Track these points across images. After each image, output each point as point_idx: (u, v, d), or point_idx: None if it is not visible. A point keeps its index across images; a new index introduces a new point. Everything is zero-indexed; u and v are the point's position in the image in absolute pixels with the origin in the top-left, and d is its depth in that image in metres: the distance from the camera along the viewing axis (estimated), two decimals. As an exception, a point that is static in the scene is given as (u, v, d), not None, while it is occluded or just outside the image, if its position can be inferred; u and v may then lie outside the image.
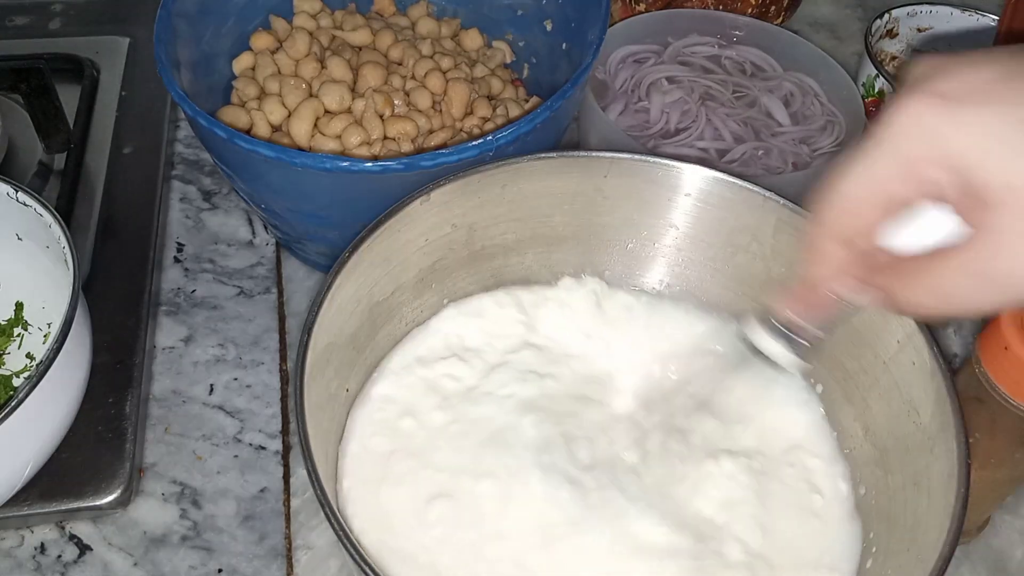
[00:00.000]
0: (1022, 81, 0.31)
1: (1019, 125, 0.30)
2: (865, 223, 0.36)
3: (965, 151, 0.31)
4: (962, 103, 0.31)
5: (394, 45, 0.67)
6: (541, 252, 0.57)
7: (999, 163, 0.31)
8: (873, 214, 0.35)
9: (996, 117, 0.31)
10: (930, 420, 0.44)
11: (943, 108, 0.32)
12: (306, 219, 0.58)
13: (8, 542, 0.53)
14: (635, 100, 0.72)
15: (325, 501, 0.39)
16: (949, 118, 0.31)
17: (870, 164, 0.34)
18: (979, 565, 0.55)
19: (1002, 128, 0.31)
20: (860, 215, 0.36)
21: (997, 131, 0.31)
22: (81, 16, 0.83)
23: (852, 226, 0.36)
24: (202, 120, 0.52)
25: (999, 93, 0.31)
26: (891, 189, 0.34)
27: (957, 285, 0.34)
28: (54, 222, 0.52)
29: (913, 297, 0.35)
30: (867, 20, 0.81)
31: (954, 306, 0.34)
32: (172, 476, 0.56)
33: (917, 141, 0.32)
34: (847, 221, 0.36)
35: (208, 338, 0.63)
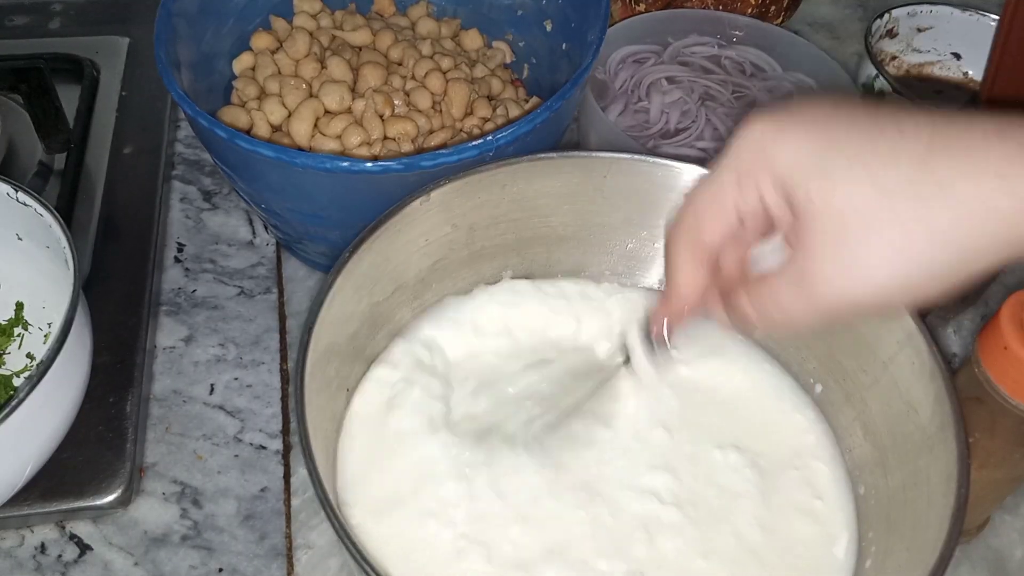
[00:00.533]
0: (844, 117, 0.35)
1: (828, 146, 0.34)
2: (711, 230, 0.39)
3: (784, 164, 0.35)
4: (788, 125, 0.35)
5: (394, 45, 0.67)
6: (541, 252, 0.57)
7: (805, 177, 0.34)
8: (714, 217, 0.38)
9: (811, 138, 0.35)
10: (930, 420, 0.44)
11: (774, 129, 0.36)
12: (306, 219, 0.58)
13: (8, 542, 0.53)
14: (635, 100, 0.72)
15: (325, 501, 0.39)
16: (776, 136, 0.36)
17: (715, 175, 0.38)
18: (979, 565, 0.55)
19: (814, 147, 0.34)
20: (707, 222, 0.39)
21: (810, 149, 0.34)
22: (81, 16, 0.83)
23: (701, 234, 0.39)
24: (202, 120, 0.52)
25: (819, 120, 0.35)
26: (730, 195, 0.37)
27: (777, 296, 0.37)
28: (54, 222, 0.52)
29: (741, 308, 0.39)
30: (867, 20, 0.81)
31: (776, 322, 0.38)
32: (172, 476, 0.56)
33: (750, 154, 0.36)
34: (696, 229, 0.39)
35: (208, 338, 0.63)
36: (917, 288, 0.34)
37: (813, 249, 0.35)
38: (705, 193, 0.39)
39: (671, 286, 0.42)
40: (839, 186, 0.34)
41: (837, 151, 0.34)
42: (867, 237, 0.33)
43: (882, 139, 0.33)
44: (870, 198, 0.33)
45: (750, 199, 0.37)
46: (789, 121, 0.36)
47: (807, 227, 0.35)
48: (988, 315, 0.63)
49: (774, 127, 0.36)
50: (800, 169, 0.35)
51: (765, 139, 0.36)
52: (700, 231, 0.39)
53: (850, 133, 0.34)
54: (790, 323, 0.37)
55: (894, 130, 0.33)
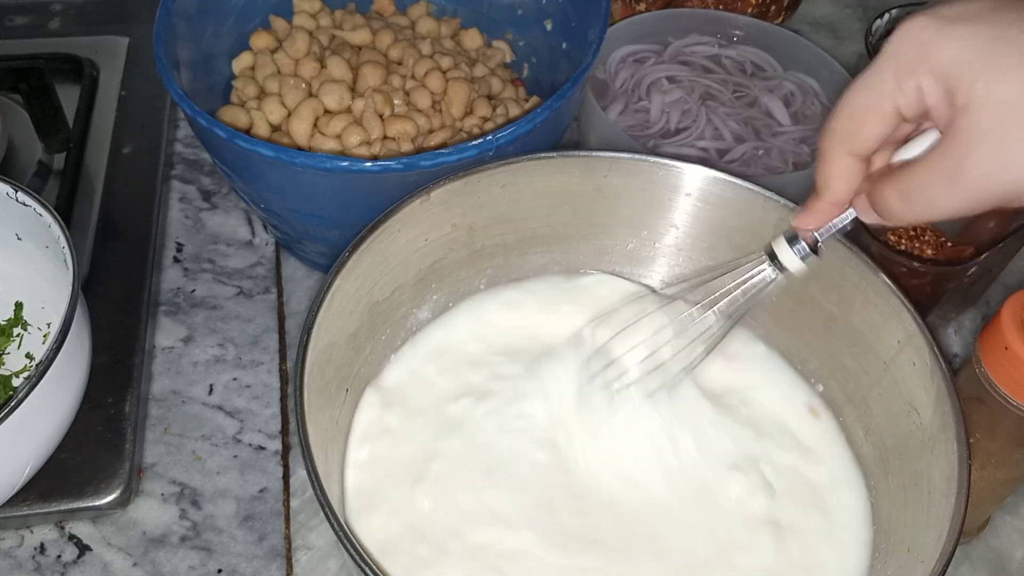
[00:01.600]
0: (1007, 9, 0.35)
1: (996, 41, 0.34)
2: (869, 134, 0.39)
3: (947, 60, 0.35)
4: (951, 22, 0.35)
5: (394, 45, 0.67)
6: (541, 252, 0.57)
7: (971, 72, 0.34)
8: (875, 121, 0.38)
9: (977, 34, 0.35)
10: (930, 420, 0.44)
11: (935, 25, 0.36)
12: (306, 219, 0.58)
13: (8, 542, 0.53)
14: (635, 100, 0.72)
15: (325, 501, 0.39)
16: (938, 33, 0.35)
17: (872, 75, 0.38)
18: (979, 565, 0.55)
19: (980, 42, 0.34)
20: (864, 122, 0.38)
21: (975, 45, 0.34)
22: (81, 16, 0.83)
23: (858, 136, 0.39)
24: (202, 120, 0.52)
25: (984, 16, 0.35)
26: (890, 96, 0.37)
27: (924, 186, 0.37)
28: (54, 222, 0.52)
29: (893, 197, 0.38)
30: (867, 20, 0.81)
31: (920, 207, 0.37)
32: (172, 476, 0.56)
33: (911, 52, 0.36)
34: (856, 131, 0.39)
35: (207, 338, 0.63)
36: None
37: (970, 140, 0.35)
38: (863, 93, 0.38)
39: (826, 186, 0.41)
40: (1006, 79, 0.34)
41: (1005, 46, 0.34)
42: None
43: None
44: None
45: (910, 96, 0.37)
46: (951, 16, 0.35)
47: (966, 119, 0.35)
48: (989, 315, 0.63)
49: (936, 23, 0.36)
50: (965, 64, 0.35)
51: (926, 35, 0.36)
52: (859, 133, 0.39)
53: (1013, 32, 0.34)
54: (935, 210, 0.37)
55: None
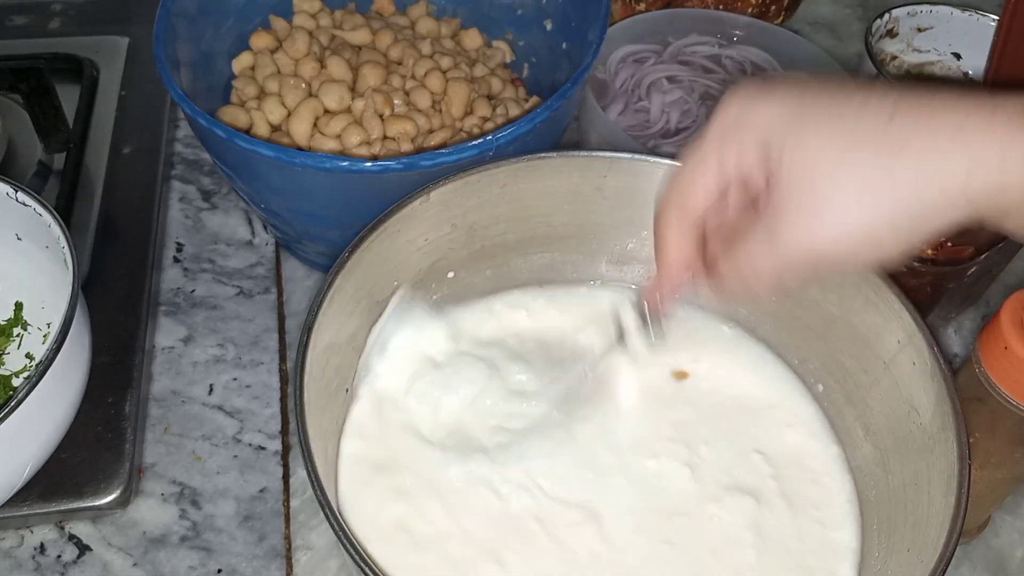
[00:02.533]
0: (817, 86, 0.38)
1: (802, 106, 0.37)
2: (694, 199, 0.41)
3: (762, 124, 0.38)
4: (765, 92, 0.38)
5: (394, 45, 0.67)
6: (541, 252, 0.57)
7: (780, 133, 0.37)
8: (701, 190, 0.40)
9: (786, 101, 0.37)
10: (930, 420, 0.44)
11: (753, 97, 0.38)
12: (306, 219, 0.58)
13: (8, 542, 0.53)
14: (635, 100, 0.72)
15: (325, 501, 0.39)
16: (755, 103, 0.38)
17: (698, 147, 0.40)
18: (979, 565, 0.55)
19: (789, 108, 0.37)
20: (690, 191, 0.41)
21: (785, 109, 0.37)
22: (81, 16, 0.83)
23: (684, 202, 0.41)
24: (202, 120, 0.52)
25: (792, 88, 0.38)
26: (714, 157, 0.39)
27: (748, 253, 0.39)
28: (53, 222, 0.52)
29: (720, 274, 0.41)
30: (867, 20, 0.81)
31: (747, 273, 0.39)
32: (171, 476, 0.56)
33: (732, 120, 0.39)
34: (683, 195, 0.41)
35: (207, 338, 0.63)
36: (880, 243, 0.36)
37: (782, 202, 0.37)
38: (690, 162, 0.41)
39: (661, 258, 0.43)
40: (809, 142, 0.36)
41: (809, 112, 0.37)
42: (832, 190, 0.35)
43: (851, 102, 0.36)
44: (837, 153, 0.35)
45: (731, 162, 0.39)
46: (767, 89, 0.38)
47: (778, 182, 0.37)
48: (988, 315, 0.63)
49: (753, 95, 0.38)
50: (776, 126, 0.37)
51: (745, 106, 0.38)
52: (686, 199, 0.41)
53: (821, 98, 0.37)
54: (760, 279, 0.39)
55: (862, 95, 0.36)
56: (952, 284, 0.58)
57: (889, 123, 0.35)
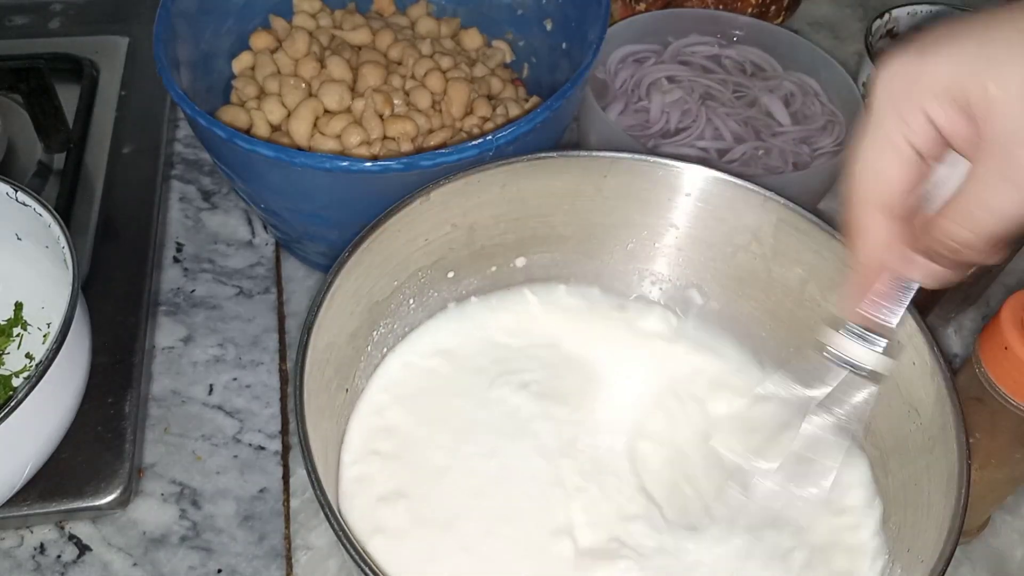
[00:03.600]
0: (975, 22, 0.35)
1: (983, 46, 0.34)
2: (892, 183, 0.37)
3: (945, 77, 0.35)
4: (928, 46, 0.35)
5: (394, 45, 0.67)
6: (541, 252, 0.57)
7: (976, 78, 0.34)
8: (897, 171, 0.37)
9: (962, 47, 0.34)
10: (930, 420, 0.44)
11: (916, 54, 0.35)
12: (306, 219, 0.58)
13: (8, 542, 0.53)
14: (635, 100, 0.72)
15: (325, 501, 0.39)
16: (922, 59, 0.35)
17: (875, 127, 0.37)
18: (979, 565, 0.55)
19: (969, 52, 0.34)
20: (885, 176, 0.37)
21: (966, 55, 0.34)
22: (81, 16, 0.83)
23: (882, 190, 0.37)
24: (202, 120, 0.52)
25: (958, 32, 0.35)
26: (898, 134, 0.36)
27: (984, 197, 0.35)
28: (53, 222, 0.52)
29: (954, 232, 0.36)
30: (867, 20, 0.81)
31: (989, 221, 0.35)
32: (171, 476, 0.56)
33: (902, 85, 0.36)
34: (876, 187, 0.37)
35: (207, 338, 0.63)
36: None
37: (1010, 136, 0.34)
38: (870, 143, 0.37)
39: (858, 250, 0.39)
40: (1016, 69, 0.33)
41: (997, 44, 0.34)
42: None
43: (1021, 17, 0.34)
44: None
45: (920, 128, 0.36)
46: (926, 43, 0.35)
47: (996, 119, 0.34)
48: (988, 315, 0.63)
49: (916, 52, 0.35)
50: (964, 72, 0.34)
51: (910, 66, 0.35)
52: (881, 183, 0.37)
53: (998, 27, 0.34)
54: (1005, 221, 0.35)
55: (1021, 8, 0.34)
56: (952, 284, 0.58)
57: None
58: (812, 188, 0.66)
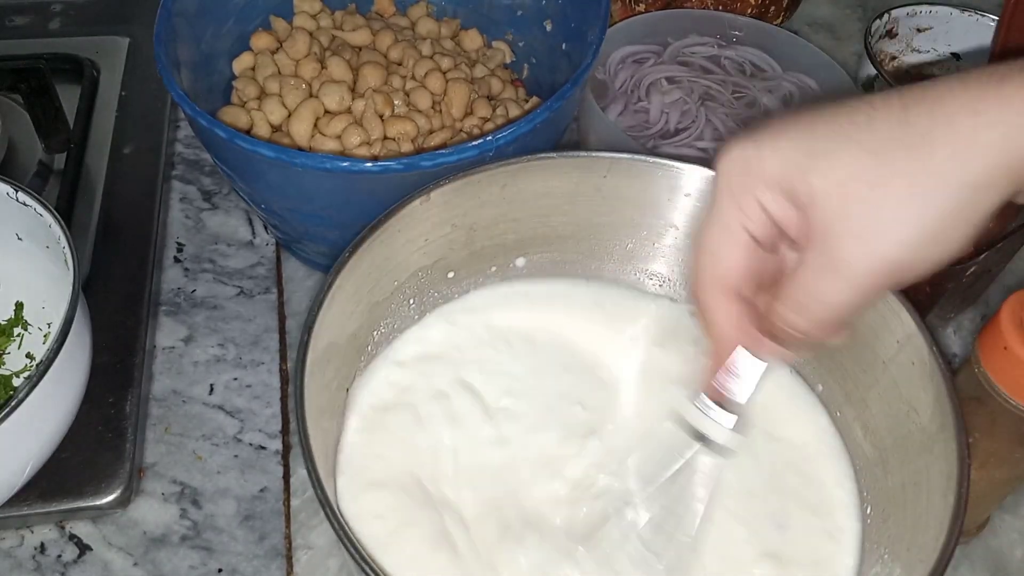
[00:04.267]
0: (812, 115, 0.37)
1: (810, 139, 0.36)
2: (731, 268, 0.39)
3: (775, 169, 0.36)
4: (765, 138, 0.37)
5: (394, 45, 0.67)
6: (541, 252, 0.57)
7: (800, 170, 0.36)
8: (735, 257, 0.39)
9: (793, 140, 0.36)
10: (930, 420, 0.44)
11: (753, 144, 0.37)
12: (306, 219, 0.58)
13: (8, 542, 0.53)
14: (635, 100, 0.72)
15: (325, 501, 0.39)
16: (757, 149, 0.37)
17: (714, 210, 0.39)
18: (979, 565, 0.55)
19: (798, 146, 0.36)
20: (724, 257, 0.39)
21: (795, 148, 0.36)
22: (81, 16, 0.83)
23: (722, 274, 0.39)
24: (202, 120, 0.52)
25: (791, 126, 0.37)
26: (735, 221, 0.38)
27: (813, 289, 0.37)
28: (54, 222, 0.52)
29: (789, 319, 0.38)
30: (867, 20, 0.81)
31: (817, 310, 0.37)
32: (172, 476, 0.56)
33: (738, 176, 0.38)
34: (717, 267, 0.39)
35: (208, 338, 0.63)
36: (944, 236, 0.34)
37: (830, 229, 0.35)
38: (711, 230, 0.39)
39: (712, 331, 0.41)
40: (834, 163, 0.35)
41: (821, 137, 0.36)
42: (879, 204, 0.34)
43: (857, 115, 0.35)
44: (867, 163, 0.34)
45: (755, 216, 0.38)
46: (763, 133, 0.37)
47: (817, 212, 0.35)
48: (988, 315, 0.63)
49: (751, 144, 0.37)
50: (792, 165, 0.36)
51: (747, 156, 0.37)
52: (720, 267, 0.39)
53: (824, 123, 0.36)
54: (831, 310, 0.37)
55: (866, 106, 0.35)
56: (951, 284, 0.58)
57: (904, 122, 0.34)
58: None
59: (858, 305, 0.36)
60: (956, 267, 0.56)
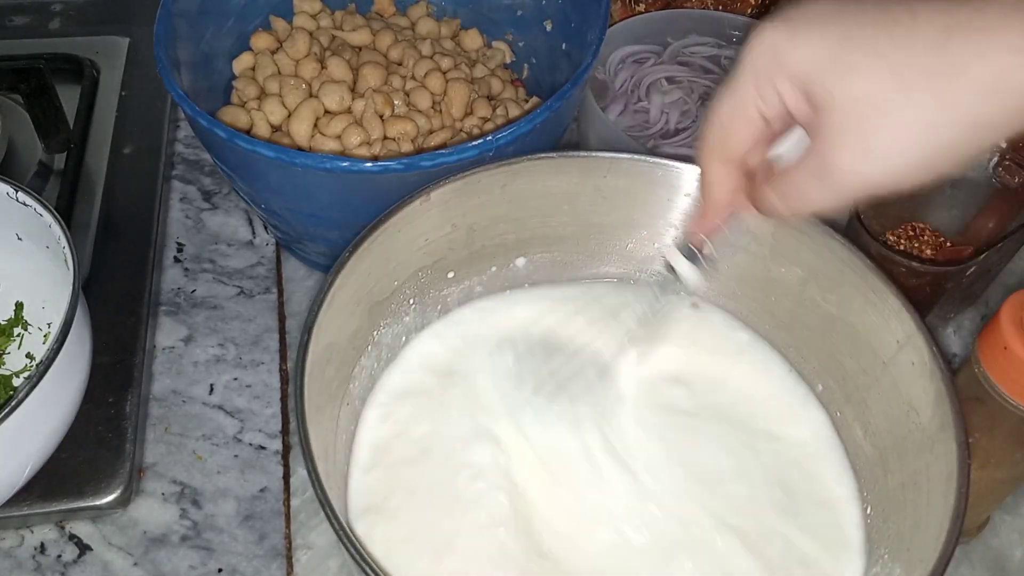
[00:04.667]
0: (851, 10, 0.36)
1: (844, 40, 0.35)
2: (740, 138, 0.40)
3: (800, 63, 0.36)
4: (800, 26, 0.36)
5: (394, 45, 0.67)
6: (541, 252, 0.57)
7: (823, 73, 0.35)
8: (741, 128, 0.40)
9: (826, 36, 0.36)
10: (930, 420, 0.44)
11: (786, 30, 0.37)
12: (306, 219, 0.58)
13: (8, 542, 0.53)
14: (635, 100, 0.72)
15: (325, 501, 0.39)
16: (789, 38, 0.37)
17: (733, 84, 0.39)
18: (979, 565, 0.55)
19: (829, 44, 0.35)
20: (734, 132, 0.40)
21: (825, 46, 0.36)
22: (81, 16, 0.83)
23: (730, 143, 0.41)
24: (202, 120, 0.52)
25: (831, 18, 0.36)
26: (751, 103, 0.39)
27: (800, 186, 0.38)
28: (54, 222, 0.52)
29: (775, 200, 0.40)
30: (867, 20, 0.81)
31: (796, 203, 0.39)
32: (172, 476, 0.56)
33: (765, 59, 0.38)
34: (725, 139, 0.41)
35: (208, 338, 0.63)
36: (936, 166, 0.35)
37: (832, 138, 0.36)
38: (727, 103, 0.40)
39: (706, 194, 0.43)
40: (856, 76, 0.35)
41: (853, 44, 0.35)
42: (884, 122, 0.34)
43: (897, 27, 0.34)
44: (887, 85, 0.34)
45: (771, 101, 0.38)
46: (801, 21, 0.36)
47: (826, 118, 0.36)
48: (988, 315, 0.63)
49: (786, 30, 0.37)
50: (817, 66, 0.36)
51: (778, 43, 0.37)
52: (728, 139, 0.41)
53: (863, 25, 0.35)
54: (810, 208, 0.39)
55: (908, 17, 0.34)
56: (951, 284, 0.58)
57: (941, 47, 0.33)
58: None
59: (834, 210, 0.38)
60: (956, 267, 0.56)
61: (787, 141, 0.41)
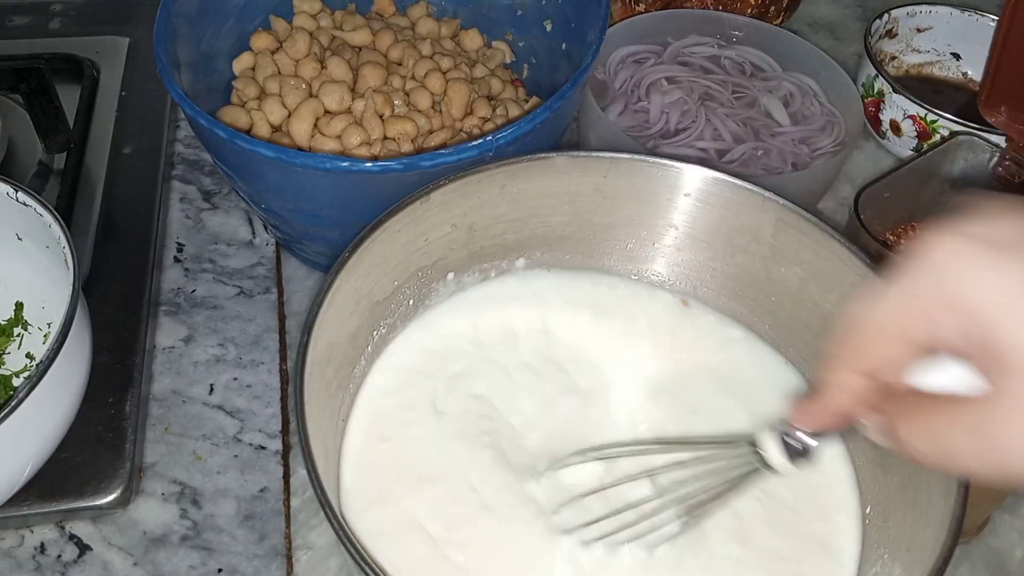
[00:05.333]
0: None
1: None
2: (874, 352, 0.34)
3: (984, 304, 0.29)
4: (982, 253, 0.29)
5: (394, 45, 0.67)
6: (541, 252, 0.57)
7: (1011, 322, 0.29)
8: (881, 344, 0.33)
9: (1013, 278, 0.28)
10: (930, 420, 0.44)
11: (965, 256, 0.29)
12: (306, 219, 0.58)
13: (8, 542, 0.53)
14: (635, 100, 0.72)
15: (325, 500, 0.39)
16: (968, 266, 0.29)
17: (885, 294, 0.33)
18: (979, 565, 0.55)
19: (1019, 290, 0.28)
20: (868, 342, 0.34)
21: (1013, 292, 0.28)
22: (81, 16, 0.83)
23: (861, 353, 0.34)
24: (202, 120, 0.52)
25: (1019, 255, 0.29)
26: (897, 322, 0.32)
27: (955, 439, 0.32)
28: (54, 222, 0.52)
29: (910, 437, 0.34)
30: (867, 20, 0.81)
31: (947, 460, 0.32)
32: (172, 476, 0.56)
33: (927, 284, 0.31)
34: (858, 345, 0.34)
35: (208, 338, 0.63)
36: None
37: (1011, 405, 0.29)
38: (871, 310, 0.33)
39: (827, 397, 0.36)
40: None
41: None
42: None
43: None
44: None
45: (920, 332, 0.32)
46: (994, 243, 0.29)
47: (1008, 380, 0.29)
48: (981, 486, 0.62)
49: (965, 254, 0.29)
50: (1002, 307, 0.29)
51: (950, 268, 0.30)
52: (863, 353, 0.34)
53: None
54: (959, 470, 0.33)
55: None
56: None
57: None
58: (811, 188, 0.66)
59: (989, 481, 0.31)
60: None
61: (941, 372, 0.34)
